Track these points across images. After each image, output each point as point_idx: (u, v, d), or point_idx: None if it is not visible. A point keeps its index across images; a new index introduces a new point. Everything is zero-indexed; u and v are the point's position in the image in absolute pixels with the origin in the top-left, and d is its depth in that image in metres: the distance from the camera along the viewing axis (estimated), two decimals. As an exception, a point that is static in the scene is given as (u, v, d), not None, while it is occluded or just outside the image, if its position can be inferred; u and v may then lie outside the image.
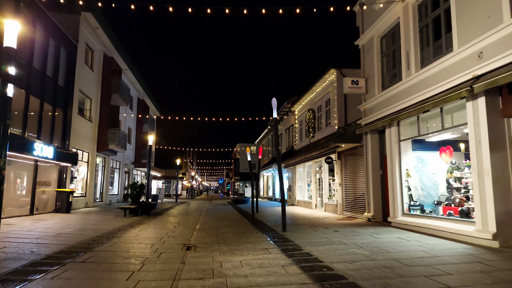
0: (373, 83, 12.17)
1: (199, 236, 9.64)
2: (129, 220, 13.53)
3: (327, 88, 17.11)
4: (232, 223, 13.07)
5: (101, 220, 13.23)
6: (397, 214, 10.42)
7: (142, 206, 16.54)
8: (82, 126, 18.36)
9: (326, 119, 17.47)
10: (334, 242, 8.01)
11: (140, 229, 10.96)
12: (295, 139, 23.39)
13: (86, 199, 19.09)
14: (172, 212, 18.93)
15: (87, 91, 18.88)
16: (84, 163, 19.30)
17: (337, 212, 15.19)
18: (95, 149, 20.14)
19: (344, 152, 14.91)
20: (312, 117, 19.18)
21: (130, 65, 25.58)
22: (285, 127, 26.87)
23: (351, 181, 14.42)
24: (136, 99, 30.78)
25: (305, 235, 9.41)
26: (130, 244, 8.08)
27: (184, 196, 57.59)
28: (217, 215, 17.13)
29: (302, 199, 21.65)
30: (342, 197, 15.02)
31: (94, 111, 19.97)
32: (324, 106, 17.76)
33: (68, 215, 14.28)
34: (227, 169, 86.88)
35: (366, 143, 12.44)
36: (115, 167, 25.58)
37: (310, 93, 19.81)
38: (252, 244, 7.98)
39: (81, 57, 17.82)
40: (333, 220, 13.26)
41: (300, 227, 11.31)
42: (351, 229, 10.40)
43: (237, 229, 11.26)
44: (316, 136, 18.95)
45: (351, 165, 14.44)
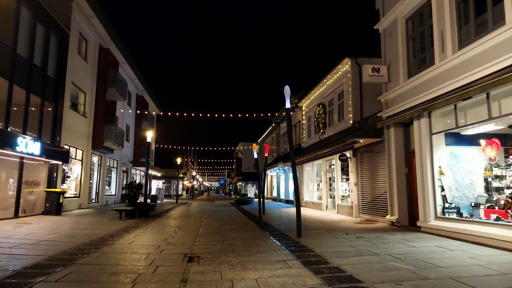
0: (396, 70, 10.87)
1: (202, 243, 8.36)
2: (125, 224, 12.25)
3: (340, 79, 15.80)
4: (238, 227, 11.79)
5: (94, 223, 11.95)
6: (429, 217, 9.11)
7: (140, 207, 15.27)
8: (75, 121, 17.08)
9: (339, 114, 16.17)
10: (364, 252, 6.71)
11: (136, 234, 9.69)
12: (303, 136, 22.09)
13: (80, 200, 17.81)
14: (172, 214, 17.66)
15: (80, 83, 17.60)
16: (78, 161, 18.02)
17: (353, 214, 13.88)
18: (90, 147, 18.85)
19: (360, 149, 13.62)
20: (323, 112, 17.88)
21: (128, 58, 24.31)
22: (292, 123, 25.57)
23: (368, 180, 13.12)
24: (135, 95, 29.51)
25: (324, 242, 8.13)
26: (121, 254, 6.80)
27: (184, 197, 56.33)
28: (220, 217, 15.86)
29: (310, 200, 20.35)
30: (358, 198, 13.72)
31: (88, 106, 18.69)
32: (336, 99, 16.46)
33: (58, 218, 13.00)
34: (229, 169, 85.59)
35: (389, 137, 11.14)
36: (112, 166, 24.30)
37: (320, 86, 18.50)
38: (265, 254, 6.70)
39: (74, 46, 16.54)
40: (350, 223, 11.96)
41: (315, 232, 10.01)
42: (375, 234, 9.10)
43: (245, 234, 9.99)
44: (327, 132, 17.64)
45: (369, 162, 13.14)
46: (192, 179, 59.41)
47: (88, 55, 18.58)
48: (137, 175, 32.10)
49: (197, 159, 69.57)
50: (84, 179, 18.27)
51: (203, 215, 17.16)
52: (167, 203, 28.50)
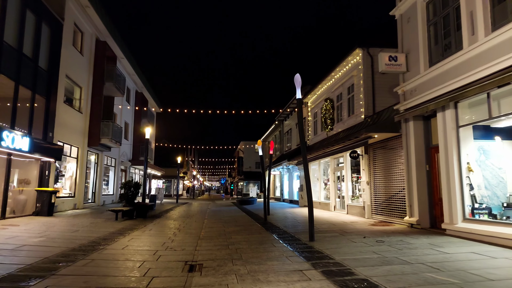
0: (416, 59, 9.97)
1: (204, 247, 7.49)
2: (121, 225, 11.38)
3: (350, 72, 14.89)
4: (243, 229, 10.92)
5: (87, 225, 11.07)
6: (455, 219, 8.21)
7: (137, 208, 14.40)
8: (70, 117, 16.20)
9: (348, 109, 15.26)
10: (391, 260, 5.81)
11: (132, 237, 8.81)
12: (308, 133, 21.18)
13: (74, 200, 16.93)
14: (172, 214, 16.78)
15: (75, 77, 16.72)
16: (73, 159, 17.14)
17: (365, 215, 12.98)
18: (86, 144, 17.97)
19: (373, 145, 12.72)
20: (330, 107, 16.97)
21: (127, 53, 23.42)
22: (296, 121, 24.65)
23: (382, 179, 12.22)
24: (134, 92, 28.62)
25: (342, 247, 7.24)
26: (112, 262, 5.92)
27: (185, 197, 55.47)
28: (223, 218, 14.98)
29: (317, 200, 19.44)
30: (371, 198, 12.82)
31: (84, 101, 17.81)
32: (345, 93, 15.55)
33: (49, 219, 12.12)
34: (230, 168, 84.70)
35: (407, 132, 10.23)
36: (110, 165, 23.42)
37: (327, 80, 17.60)
38: (277, 262, 5.82)
39: (68, 38, 15.66)
40: (364, 225, 11.06)
41: (328, 235, 9.12)
42: (397, 238, 8.20)
43: (251, 237, 9.12)
44: (335, 128, 16.74)
45: (383, 159, 12.24)
46: (192, 178, 58.53)
47: (84, 48, 17.70)
48: (136, 174, 31.22)
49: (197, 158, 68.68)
50: (79, 178, 17.39)
51: (205, 215, 16.29)
52: (167, 203, 27.63)
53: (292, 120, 26.33)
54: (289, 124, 27.24)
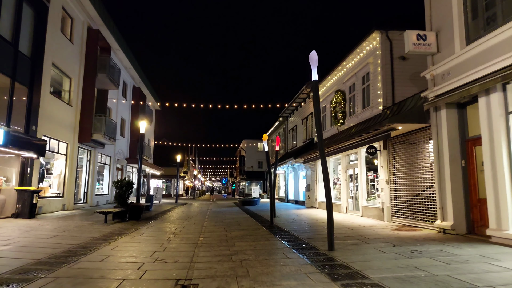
0: (449, 37, 8.58)
1: (202, 258, 6.13)
2: (109, 229, 10.02)
3: (365, 59, 13.49)
4: (248, 233, 9.55)
5: (69, 229, 9.71)
6: (505, 224, 6.80)
7: (131, 209, 13.05)
8: (58, 109, 14.85)
9: (362, 100, 13.86)
10: (446, 281, 4.42)
11: (117, 244, 7.45)
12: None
13: (63, 201, 15.58)
14: (170, 216, 15.42)
15: (64, 67, 15.36)
16: (61, 155, 15.77)
17: (383, 218, 11.57)
18: (76, 139, 16.61)
19: (393, 140, 11.32)
20: (342, 100, 15.57)
21: (123, 45, 22.07)
22: (302, 117, 23.27)
23: (404, 177, 10.82)
24: (131, 87, 27.27)
25: (372, 259, 5.85)
26: (82, 280, 4.55)
27: (185, 197, 54.14)
28: (225, 220, 13.62)
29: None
30: (391, 198, 11.42)
31: (75, 93, 16.45)
32: (359, 83, 14.14)
33: (29, 222, 10.77)
34: (232, 168, 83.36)
35: (439, 122, 8.83)
36: (105, 163, 22.07)
37: (337, 70, 16.20)
38: (296, 282, 4.47)
39: (55, 23, 14.30)
40: (386, 230, 9.66)
41: (349, 242, 7.73)
42: (435, 247, 6.80)
43: (257, 244, 7.75)
44: (347, 122, 15.33)
45: (405, 155, 10.84)
46: (193, 178, 57.19)
47: (74, 36, 16.34)
48: (133, 173, 29.87)
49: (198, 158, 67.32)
50: (69, 176, 16.03)
51: (205, 217, 14.93)
52: (166, 204, 26.27)
53: (297, 116, 24.93)
54: (294, 121, 25.84)
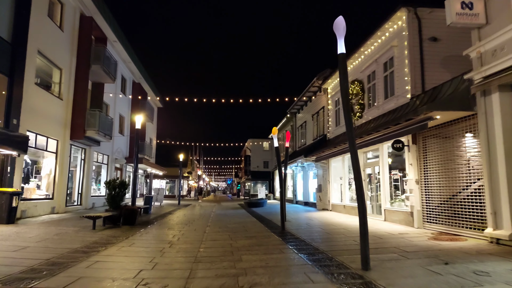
0: (501, 5, 7.02)
1: (200, 281, 4.69)
2: (96, 237, 8.60)
3: (388, 42, 11.93)
4: (257, 242, 8.07)
5: (48, 238, 8.29)
6: None
7: (125, 213, 11.63)
8: (46, 103, 13.47)
9: (385, 89, 12.30)
10: None
11: (98, 259, 6.03)
12: (328, 125, 18.24)
13: (53, 203, 14.19)
14: (169, 220, 14.00)
15: (53, 56, 13.98)
16: (51, 153, 14.40)
17: (413, 224, 10.01)
18: (67, 136, 15.22)
19: (425, 133, 9.76)
20: (360, 90, 14.02)
21: (121, 37, 20.70)
22: (312, 112, 21.73)
23: (439, 176, 9.26)
24: (131, 82, 25.91)
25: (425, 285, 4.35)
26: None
27: (191, 197, 52.80)
28: (229, 225, 12.15)
29: (339, 203, 16.50)
30: (422, 201, 9.85)
31: (66, 86, 15.07)
32: (380, 71, 12.58)
33: (4, 229, 9.36)
34: (236, 168, 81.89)
35: (488, 108, 7.27)
36: (102, 162, 20.70)
37: (354, 58, 14.63)
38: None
39: (42, 7, 12.92)
40: (421, 239, 8.10)
41: (384, 256, 6.21)
42: (503, 267, 5.24)
43: (270, 258, 6.28)
44: (366, 115, 13.77)
45: (440, 150, 9.28)
46: (198, 178, 55.84)
47: (65, 23, 14.96)
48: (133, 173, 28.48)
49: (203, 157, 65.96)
50: (59, 176, 14.65)
51: (207, 221, 13.49)
52: (168, 205, 24.88)
53: (306, 111, 23.39)
54: (303, 117, 24.30)
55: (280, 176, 10.84)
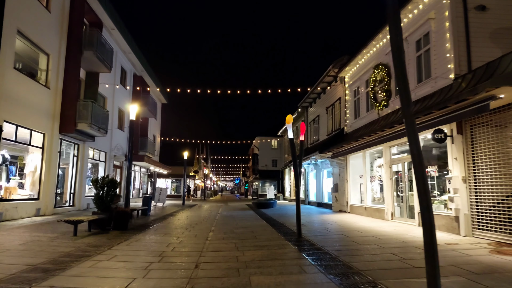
0: None
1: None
2: (72, 246, 7.02)
3: (422, 15, 10.13)
4: (269, 255, 6.40)
5: (12, 248, 6.70)
6: None
7: (115, 216, 10.06)
8: (29, 91, 11.95)
9: (418, 71, 10.50)
10: None
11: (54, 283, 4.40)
12: (346, 117, 16.47)
13: (38, 204, 12.67)
14: (169, 223, 12.41)
15: (37, 38, 12.46)
16: (36, 148, 12.88)
17: (460, 231, 8.21)
18: (56, 129, 13.71)
19: (474, 121, 7.97)
20: (385, 75, 12.23)
21: (119, 24, 19.17)
22: (327, 104, 19.95)
23: (493, 172, 7.48)
24: (131, 75, 24.39)
25: None
26: None
27: (197, 197, 51.37)
28: (236, 229, 10.51)
29: (359, 204, 14.74)
30: (471, 203, 8.06)
31: (54, 74, 13.54)
32: (412, 50, 10.77)
33: (-35, 235, 7.84)
34: (244, 167, 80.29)
35: None
36: (99, 160, 19.19)
37: (377, 40, 12.81)
38: None
39: (23, -19, 11.40)
40: (482, 253, 6.32)
41: (449, 282, 4.48)
42: None
43: (289, 280, 4.70)
44: (393, 103, 11.98)
45: (493, 142, 7.49)
46: (204, 178, 54.32)
47: (52, 3, 13.39)
48: (135, 171, 27.03)
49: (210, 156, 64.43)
50: (46, 173, 13.14)
51: (212, 225, 11.86)
52: (172, 206, 23.33)
53: (320, 105, 21.61)
54: (316, 111, 22.53)
55: (295, 173, 9.14)
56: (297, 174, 9.17)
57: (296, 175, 9.15)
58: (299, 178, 9.24)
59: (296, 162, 9.14)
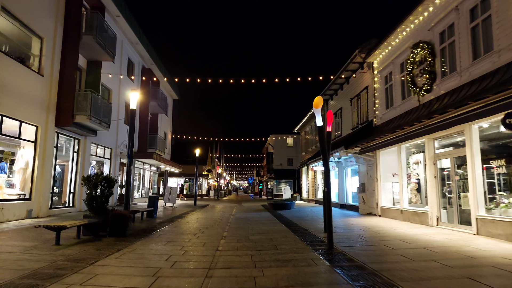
0: None
1: None
2: (46, 261, 5.52)
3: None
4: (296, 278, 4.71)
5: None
6: None
7: (112, 220, 8.56)
8: (17, 78, 10.57)
9: (473, 46, 8.60)
10: None
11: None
12: (375, 107, 14.62)
13: (30, 205, 11.29)
14: (176, 226, 10.85)
15: (28, 19, 11.08)
16: (28, 143, 11.51)
17: (542, 243, 6.34)
18: (51, 122, 12.33)
19: None
20: (428, 55, 10.35)
21: (125, 11, 17.78)
22: (350, 95, 18.11)
23: None
24: (140, 67, 23.02)
25: None
26: None
27: (210, 197, 50.02)
28: (252, 236, 8.88)
29: (393, 207, 12.89)
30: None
31: (48, 60, 12.17)
32: (464, 22, 8.84)
33: None
34: (258, 166, 78.61)
35: None
36: (103, 156, 17.83)
37: (416, 13, 10.93)
38: None
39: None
40: None
41: None
42: None
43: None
44: (438, 87, 10.09)
45: None
46: (218, 177, 52.92)
47: (46, -19, 12.04)
48: (145, 169, 25.69)
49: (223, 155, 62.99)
50: (40, 171, 11.76)
51: (224, 229, 10.27)
52: (183, 206, 21.88)
53: (342, 97, 19.77)
54: (338, 104, 20.69)
55: (325, 169, 7.43)
56: (327, 170, 7.45)
57: (327, 171, 7.44)
58: (329, 175, 7.51)
59: (326, 154, 7.44)
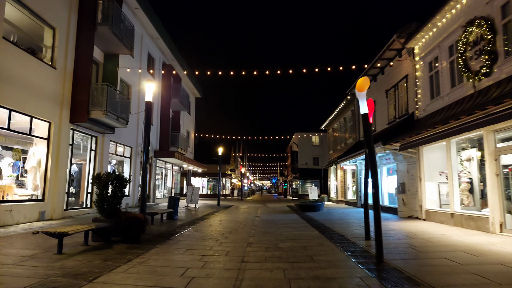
0: None
1: None
2: (41, 276, 4.49)
3: None
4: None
5: None
6: None
7: (125, 223, 7.63)
8: (27, 70, 9.86)
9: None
10: None
11: None
12: (417, 98, 13.08)
13: (42, 206, 10.57)
14: (197, 230, 9.83)
15: (39, 8, 10.34)
16: (41, 140, 10.81)
17: None
18: (65, 118, 11.60)
19: None
20: (487, 33, 8.83)
21: (143, 2, 17.05)
22: (386, 87, 16.56)
23: None
24: (160, 63, 22.30)
25: None
26: None
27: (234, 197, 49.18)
28: (282, 243, 7.71)
29: (440, 210, 11.36)
30: None
31: (61, 52, 11.45)
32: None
33: None
34: (282, 166, 77.18)
35: None
36: (123, 155, 17.14)
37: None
38: None
39: None
40: None
41: None
42: None
43: None
44: (499, 70, 8.56)
45: None
46: (241, 176, 52.01)
47: (59, -32, 11.32)
48: (167, 169, 24.98)
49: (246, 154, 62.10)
50: (54, 169, 11.05)
51: (249, 234, 9.15)
52: (206, 207, 20.98)
53: (376, 88, 18.21)
54: (371, 97, 19.13)
55: (371, 164, 6.17)
56: (374, 166, 6.18)
57: (374, 166, 6.16)
58: (376, 171, 6.22)
59: (372, 146, 6.17)
